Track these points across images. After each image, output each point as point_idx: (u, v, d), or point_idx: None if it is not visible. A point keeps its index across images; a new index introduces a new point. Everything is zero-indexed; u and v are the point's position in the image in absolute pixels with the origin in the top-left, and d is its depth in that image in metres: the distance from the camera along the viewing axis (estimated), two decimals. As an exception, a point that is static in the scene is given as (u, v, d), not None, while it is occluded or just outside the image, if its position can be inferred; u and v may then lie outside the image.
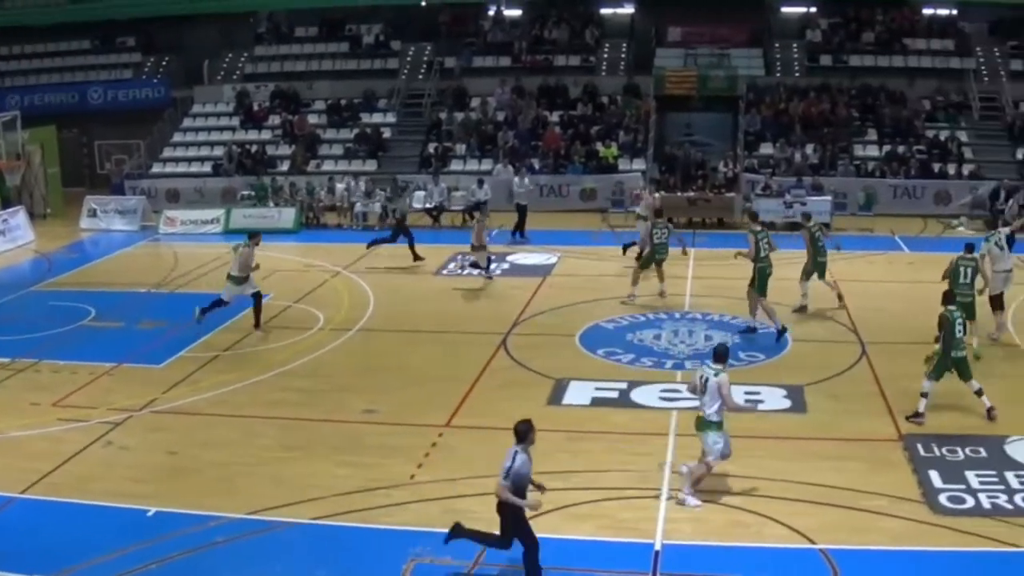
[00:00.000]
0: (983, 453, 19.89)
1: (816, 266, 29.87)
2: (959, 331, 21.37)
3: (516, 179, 40.99)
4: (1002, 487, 18.52)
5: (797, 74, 51.71)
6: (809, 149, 46.23)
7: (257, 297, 28.05)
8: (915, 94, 49.69)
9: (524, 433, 15.20)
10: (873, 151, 46.98)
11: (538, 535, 15.71)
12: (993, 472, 19.11)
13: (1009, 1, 50.89)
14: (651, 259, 30.50)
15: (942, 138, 46.96)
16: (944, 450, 19.90)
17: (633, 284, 30.37)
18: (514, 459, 14.94)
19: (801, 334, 27.25)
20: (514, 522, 15.08)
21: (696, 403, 18.17)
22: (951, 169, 45.49)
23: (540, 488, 15.61)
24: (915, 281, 32.73)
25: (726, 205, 41.63)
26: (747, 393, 22.74)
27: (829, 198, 41.37)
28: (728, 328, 27.85)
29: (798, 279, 29.62)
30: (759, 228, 28.17)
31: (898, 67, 51.02)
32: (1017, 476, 18.93)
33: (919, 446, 20.04)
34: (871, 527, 17.05)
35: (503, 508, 15.04)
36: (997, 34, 52.71)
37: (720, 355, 18.14)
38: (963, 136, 47.65)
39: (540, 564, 14.97)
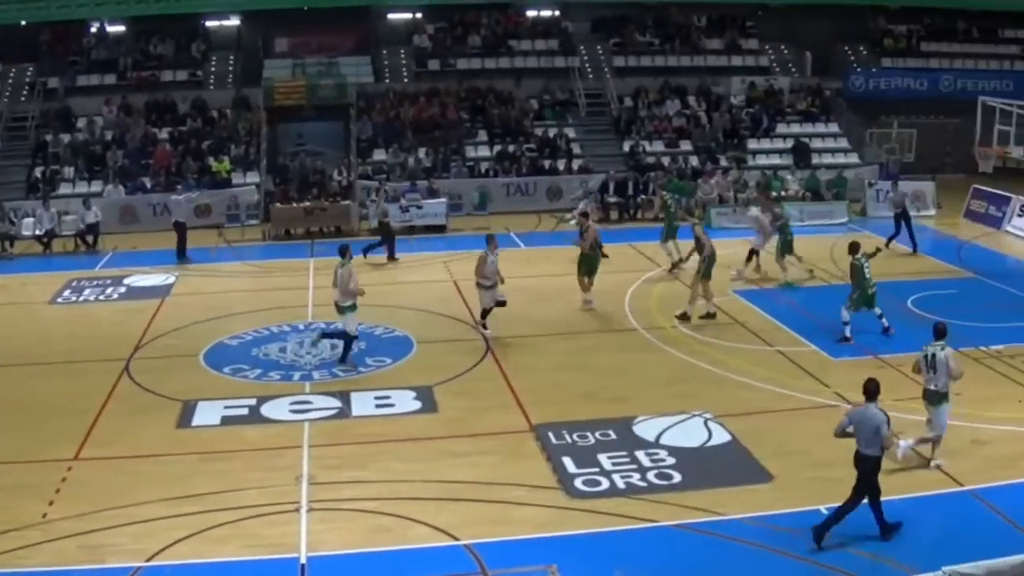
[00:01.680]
0: (613, 436, 20.66)
1: (671, 230, 34.06)
2: (867, 272, 26.34)
3: (175, 197, 39.93)
4: (634, 466, 19.36)
5: (406, 79, 52.30)
6: (422, 153, 46.80)
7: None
8: (523, 94, 51.10)
9: (875, 391, 16.86)
10: (484, 151, 48.01)
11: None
12: (624, 453, 19.91)
13: (609, 0, 52.99)
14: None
15: (551, 135, 48.43)
16: (575, 436, 20.58)
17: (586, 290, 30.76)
18: (886, 413, 16.64)
19: (426, 335, 27.58)
20: (874, 474, 16.67)
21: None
22: (561, 165, 46.99)
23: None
24: (533, 275, 33.65)
25: (342, 213, 41.58)
26: (377, 398, 22.96)
27: (444, 200, 42.02)
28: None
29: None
30: (697, 220, 31.19)
31: (505, 68, 52.32)
32: (648, 454, 19.85)
33: (550, 435, 20.63)
34: (511, 518, 17.47)
35: (868, 461, 16.58)
36: (599, 32, 54.90)
37: (941, 331, 19.49)
38: (571, 132, 49.35)
39: None
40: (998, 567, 13.51)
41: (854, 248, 26.80)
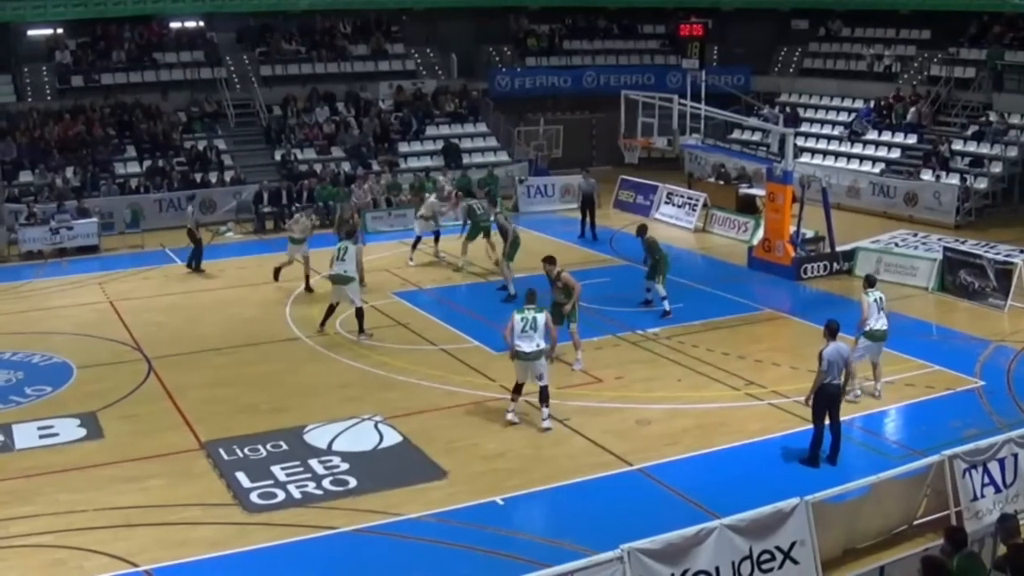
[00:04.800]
0: (285, 446, 20.81)
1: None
2: (660, 246, 29.99)
3: None
4: (309, 475, 19.59)
5: (49, 97, 50.65)
6: (70, 172, 45.50)
7: None
8: (170, 107, 50.11)
9: (836, 329, 19.59)
10: (134, 167, 46.89)
11: None
12: (298, 463, 20.11)
13: (253, 10, 52.60)
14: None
15: (201, 148, 47.81)
16: (247, 450, 20.64)
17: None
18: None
19: (86, 360, 26.80)
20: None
21: None
22: (213, 177, 46.35)
23: None
24: (191, 291, 33.31)
25: (-11, 238, 40.14)
26: (40, 429, 22.20)
27: (96, 220, 40.92)
28: (12, 366, 26.77)
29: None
30: (498, 210, 33.86)
31: (151, 82, 51.13)
32: (321, 462, 20.13)
33: (221, 451, 20.60)
34: (188, 539, 17.36)
35: (836, 389, 19.40)
36: (245, 42, 54.34)
37: (872, 281, 23.12)
38: (221, 144, 48.73)
39: None
40: (673, 540, 14.17)
41: (643, 230, 30.62)
